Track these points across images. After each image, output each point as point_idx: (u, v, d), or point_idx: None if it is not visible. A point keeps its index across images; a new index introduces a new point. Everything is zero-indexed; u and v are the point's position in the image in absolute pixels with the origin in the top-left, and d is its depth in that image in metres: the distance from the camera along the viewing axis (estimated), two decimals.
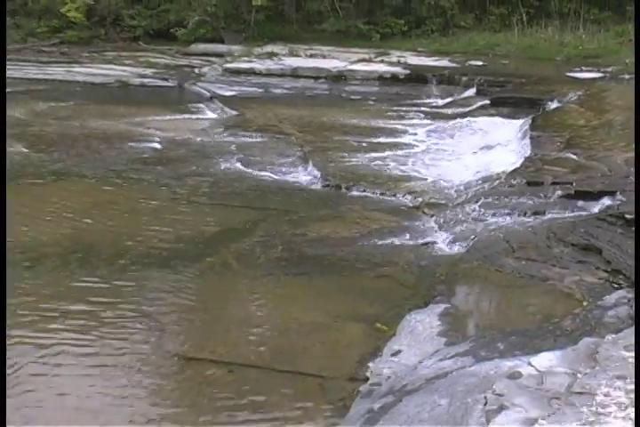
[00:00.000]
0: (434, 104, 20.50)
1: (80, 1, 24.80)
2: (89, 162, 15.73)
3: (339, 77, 22.12)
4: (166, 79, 23.25)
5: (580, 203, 11.68)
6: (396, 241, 11.61)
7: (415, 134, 17.52)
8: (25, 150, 16.46)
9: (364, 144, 16.69)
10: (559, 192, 12.13)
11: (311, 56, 23.60)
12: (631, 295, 7.92)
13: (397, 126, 18.20)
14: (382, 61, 22.93)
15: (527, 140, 15.45)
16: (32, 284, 10.27)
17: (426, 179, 14.48)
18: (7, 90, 21.98)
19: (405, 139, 17.20)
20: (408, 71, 22.00)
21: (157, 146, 16.91)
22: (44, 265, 10.87)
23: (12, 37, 25.21)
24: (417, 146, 16.67)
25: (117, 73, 23.71)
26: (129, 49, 25.12)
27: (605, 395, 5.39)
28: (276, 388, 7.91)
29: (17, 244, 11.53)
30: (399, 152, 16.13)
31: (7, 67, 24.04)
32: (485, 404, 6.10)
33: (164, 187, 14.35)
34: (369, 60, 23.05)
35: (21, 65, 24.34)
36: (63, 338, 8.95)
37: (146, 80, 23.36)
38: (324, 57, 23.47)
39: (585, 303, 8.59)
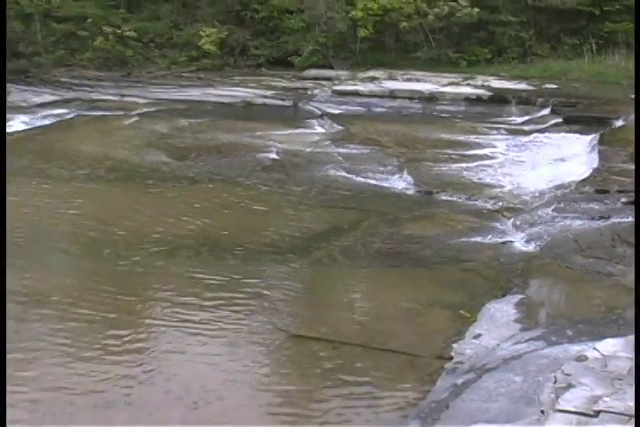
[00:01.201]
0: (513, 122, 20.18)
1: (214, 35, 25.10)
2: (219, 169, 15.87)
3: (430, 98, 21.97)
4: (283, 99, 23.37)
5: None
6: (479, 239, 11.48)
7: (496, 147, 17.28)
8: (167, 159, 16.67)
9: (452, 155, 16.52)
10: (623, 199, 11.93)
11: (407, 80, 23.47)
12: None
13: (481, 141, 17.99)
14: (468, 84, 22.71)
15: (595, 154, 15.20)
16: (173, 270, 10.42)
17: (505, 186, 14.29)
18: (153, 109, 22.49)
19: (488, 151, 16.98)
20: (491, 93, 21.75)
21: (275, 156, 16.97)
22: (180, 255, 11.00)
23: (159, 65, 25.75)
24: (498, 158, 16.44)
25: (243, 94, 23.90)
26: (253, 74, 25.30)
27: None
28: (372, 363, 7.89)
29: (158, 237, 11.72)
30: (482, 163, 15.94)
31: (155, 90, 24.59)
32: (555, 382, 6.02)
33: (280, 190, 14.41)
34: (457, 84, 22.84)
35: (166, 88, 24.75)
36: (197, 315, 9.07)
37: (266, 100, 23.50)
38: (417, 81, 23.33)
39: None
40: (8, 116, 21.83)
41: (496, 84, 22.92)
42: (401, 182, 14.80)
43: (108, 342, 8.45)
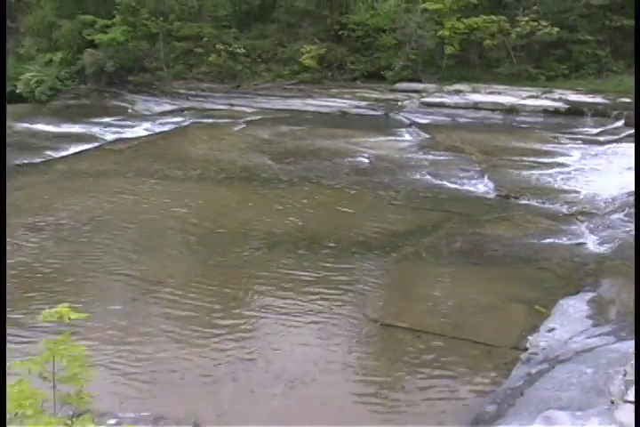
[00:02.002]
0: (588, 132, 19.72)
1: (314, 52, 25.20)
2: (316, 171, 15.88)
3: (511, 110, 21.62)
4: (376, 110, 23.34)
5: None
6: (554, 241, 11.23)
7: (572, 156, 16.89)
8: (270, 162, 16.78)
9: (530, 163, 16.21)
10: None
11: (489, 93, 23.17)
12: None
13: (558, 149, 17.61)
14: (547, 98, 22.27)
15: None
16: (273, 263, 10.46)
17: (580, 192, 13.94)
18: (258, 117, 22.68)
19: (564, 159, 16.61)
20: (568, 106, 21.30)
21: (367, 160, 16.91)
22: (280, 249, 11.04)
23: (265, 78, 25.96)
24: (573, 165, 16.06)
25: (339, 104, 23.95)
26: (349, 87, 25.28)
27: None
28: (453, 352, 7.80)
29: (261, 233, 11.79)
30: (558, 170, 15.59)
31: (261, 100, 24.81)
32: (625, 375, 5.85)
33: (372, 192, 14.35)
34: (536, 97, 22.43)
35: (270, 98, 24.95)
36: (294, 304, 9.09)
37: (360, 110, 23.51)
38: (499, 94, 22.98)
39: None
40: (134, 122, 22.40)
41: (573, 97, 22.41)
42: (482, 187, 14.59)
43: (215, 326, 8.52)
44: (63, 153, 18.59)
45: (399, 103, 23.66)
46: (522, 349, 7.61)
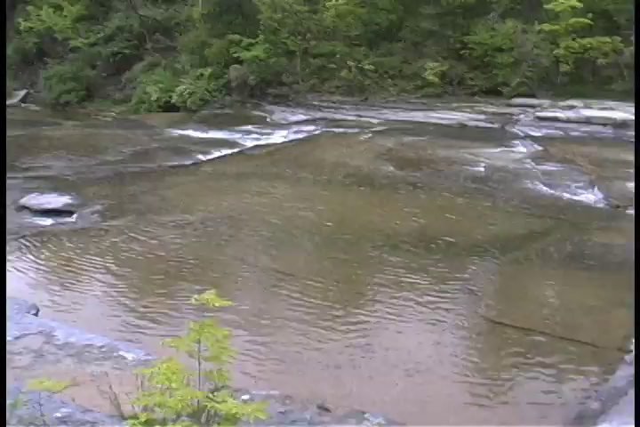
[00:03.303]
0: None
1: (437, 69, 25.01)
2: (436, 178, 15.75)
3: (622, 125, 20.77)
4: (492, 123, 22.93)
5: None
6: None
7: None
8: (393, 169, 16.72)
9: None
10: None
11: (601, 109, 22.34)
12: None
13: None
14: None
15: None
16: (393, 261, 10.43)
17: None
18: (384, 128, 22.65)
19: None
20: None
21: (483, 169, 16.63)
22: (400, 249, 10.99)
23: (391, 92, 25.88)
24: None
25: (458, 117, 23.66)
26: (468, 101, 24.93)
27: None
28: (559, 350, 7.58)
29: (383, 233, 11.77)
30: None
31: (386, 112, 24.78)
32: None
33: (486, 198, 14.10)
34: None
35: (395, 111, 24.85)
36: (412, 299, 9.04)
37: (478, 123, 23.14)
38: (611, 109, 22.13)
39: None
40: (271, 130, 22.77)
41: None
42: (592, 196, 14.12)
43: (338, 317, 8.57)
44: (209, 156, 19.07)
45: (514, 117, 23.15)
46: (627, 351, 7.29)
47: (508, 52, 25.00)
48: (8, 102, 33.45)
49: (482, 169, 16.69)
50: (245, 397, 5.15)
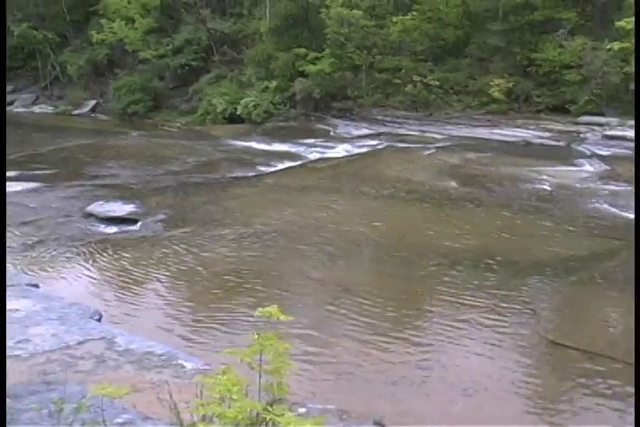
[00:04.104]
0: None
1: (503, 85, 24.81)
2: (498, 196, 15.59)
3: None
4: (558, 140, 22.62)
5: None
6: None
7: None
8: (456, 185, 16.63)
9: None
10: None
11: None
12: None
13: None
14: None
15: None
16: (452, 278, 10.34)
17: None
18: (447, 143, 22.53)
19: None
20: None
21: (548, 188, 16.41)
22: (460, 266, 10.88)
23: (455, 108, 25.79)
24: None
25: (523, 135, 23.39)
26: (533, 118, 24.65)
27: None
28: (621, 375, 7.37)
29: (443, 249, 11.67)
30: None
31: (450, 128, 24.65)
32: None
33: (550, 217, 13.88)
34: None
35: (459, 127, 24.74)
36: (470, 317, 8.93)
37: (543, 140, 22.85)
38: None
39: None
40: (334, 144, 22.86)
41: None
42: None
43: (396, 333, 8.52)
44: (272, 169, 19.24)
45: (581, 135, 22.80)
46: None
47: (577, 70, 24.65)
48: (78, 112, 34.41)
49: (546, 187, 16.45)
50: (302, 410, 5.15)
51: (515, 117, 25.01)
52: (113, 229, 13.32)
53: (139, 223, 13.55)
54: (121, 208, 14.38)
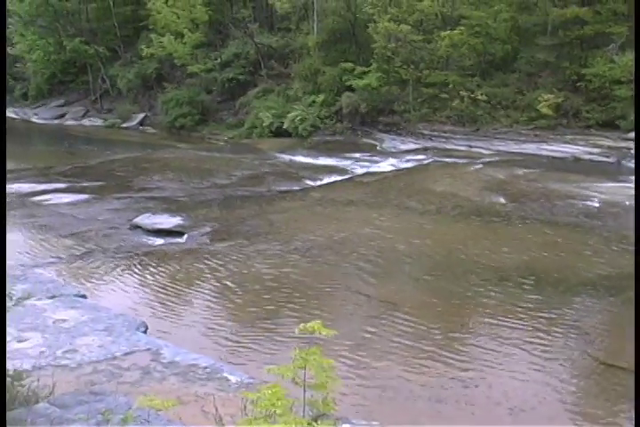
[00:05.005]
0: None
1: (551, 100, 24.59)
2: (546, 212, 15.41)
3: None
4: (608, 156, 22.32)
5: None
6: None
7: None
8: (503, 201, 16.48)
9: None
10: None
11: None
12: None
13: None
14: None
15: None
16: (499, 295, 10.24)
17: None
18: (494, 159, 22.34)
19: None
20: None
21: (597, 204, 16.18)
22: (506, 283, 10.77)
23: (503, 123, 25.61)
24: None
25: (572, 151, 23.13)
26: (582, 134, 24.37)
27: None
28: None
29: (490, 266, 11.56)
30: None
31: (498, 143, 24.45)
32: None
33: (599, 234, 13.67)
34: None
35: (506, 142, 24.53)
36: (516, 336, 8.82)
37: (592, 157, 22.56)
38: None
39: None
40: (380, 158, 22.87)
41: None
42: None
43: (441, 349, 8.45)
44: (318, 182, 19.29)
45: (632, 151, 22.43)
46: None
47: (627, 85, 24.31)
48: (127, 125, 34.95)
49: (595, 204, 16.22)
50: (346, 426, 5.14)
51: (563, 133, 24.74)
52: (159, 242, 13.47)
53: (184, 236, 13.68)
54: (167, 220, 14.54)
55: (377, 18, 26.85)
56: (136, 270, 11.62)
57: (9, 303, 4.20)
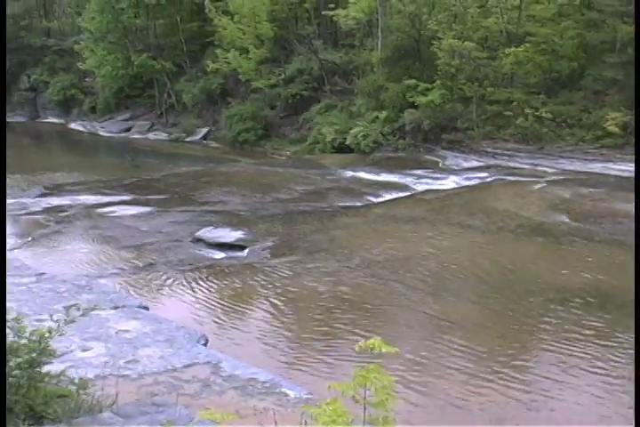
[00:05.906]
0: None
1: (619, 119, 24.18)
2: (613, 231, 15.12)
3: None
4: None
5: None
6: None
7: None
8: (567, 220, 16.22)
9: None
10: None
11: None
12: None
13: None
14: None
15: None
16: (562, 316, 10.07)
17: None
18: (559, 177, 22.00)
19: None
20: None
21: None
22: (570, 303, 10.59)
23: (568, 142, 25.17)
24: None
25: None
26: None
27: None
28: None
29: (553, 286, 11.40)
30: None
31: (562, 162, 24.09)
32: None
33: None
34: None
35: (572, 161, 24.12)
36: (578, 357, 8.66)
37: None
38: None
39: None
40: (443, 175, 22.74)
41: None
42: None
43: (502, 369, 8.34)
44: (380, 199, 19.29)
45: None
46: None
47: None
48: (191, 139, 35.52)
49: None
50: None
51: (631, 152, 24.22)
52: (221, 255, 13.63)
53: (246, 250, 13.82)
54: (229, 234, 14.71)
55: (441, 35, 26.80)
56: (197, 284, 11.78)
57: (76, 313, 4.30)
